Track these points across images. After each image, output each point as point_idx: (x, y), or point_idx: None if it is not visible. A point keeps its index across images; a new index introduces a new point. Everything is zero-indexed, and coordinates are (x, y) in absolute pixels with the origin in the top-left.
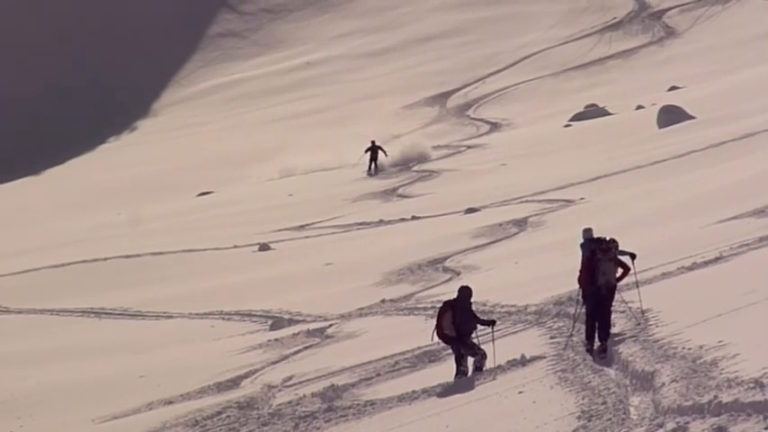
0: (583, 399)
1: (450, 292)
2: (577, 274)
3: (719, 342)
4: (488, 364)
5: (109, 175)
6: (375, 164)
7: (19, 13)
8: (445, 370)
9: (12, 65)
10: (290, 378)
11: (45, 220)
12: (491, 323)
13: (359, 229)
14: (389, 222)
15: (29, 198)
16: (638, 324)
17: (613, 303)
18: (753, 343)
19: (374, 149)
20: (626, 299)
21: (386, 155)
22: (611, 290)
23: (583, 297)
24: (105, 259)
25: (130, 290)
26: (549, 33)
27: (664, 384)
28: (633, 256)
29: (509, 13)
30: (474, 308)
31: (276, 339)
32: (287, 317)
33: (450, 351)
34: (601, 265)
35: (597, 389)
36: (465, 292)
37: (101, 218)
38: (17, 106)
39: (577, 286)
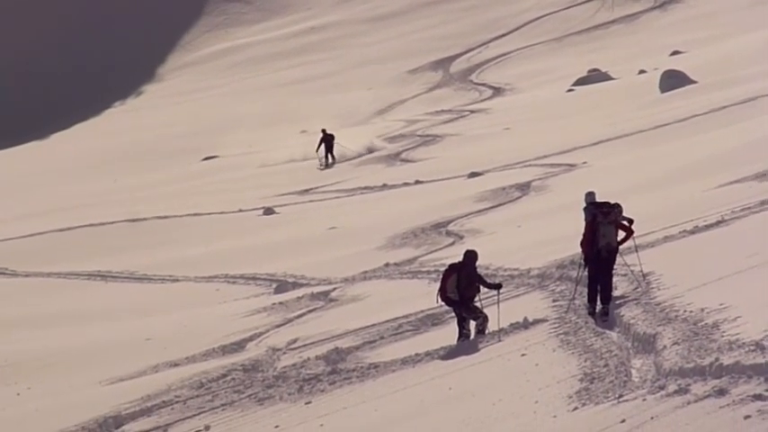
0: (585, 361)
1: (454, 256)
2: (580, 237)
3: (721, 305)
4: (492, 326)
5: (114, 139)
6: (331, 154)
7: None
8: (448, 333)
9: (18, 29)
10: (294, 341)
11: (51, 184)
12: (497, 286)
13: (362, 193)
14: (393, 186)
15: (35, 162)
16: (639, 287)
17: (615, 266)
18: (754, 305)
19: (326, 139)
20: (628, 262)
21: (333, 143)
22: (611, 252)
23: (585, 260)
24: (111, 223)
25: (136, 253)
26: None
27: (665, 347)
28: (630, 221)
29: None
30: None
31: (281, 303)
32: (291, 280)
33: (454, 314)
34: (601, 228)
35: (599, 351)
36: (471, 256)
37: (106, 182)
38: (23, 71)
39: (580, 250)
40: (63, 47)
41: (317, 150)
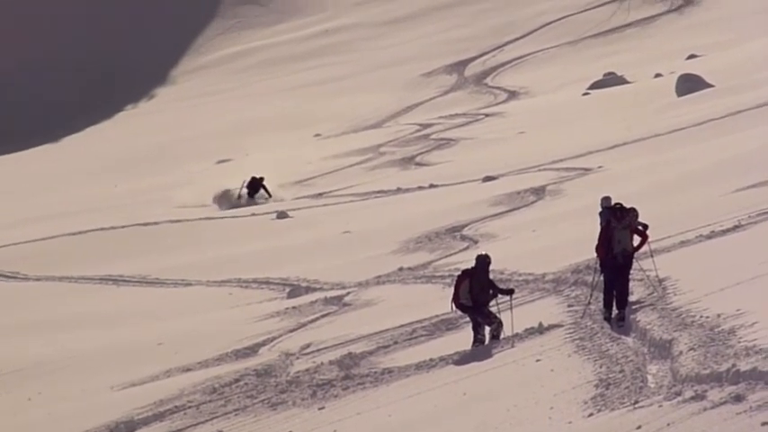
0: (601, 367)
1: (468, 261)
2: (595, 242)
3: (737, 310)
4: (506, 332)
5: (127, 142)
6: (267, 192)
7: None
8: (463, 338)
9: (31, 33)
10: (307, 346)
11: (63, 187)
12: (510, 292)
13: (377, 197)
14: (407, 190)
15: (48, 165)
16: (655, 292)
17: (631, 271)
18: None
19: (254, 185)
20: (644, 267)
21: (269, 195)
22: (627, 258)
23: (600, 265)
24: (123, 227)
25: (149, 257)
26: (567, 1)
27: (682, 353)
28: (645, 227)
29: None
30: (492, 276)
31: (294, 307)
32: (305, 284)
33: (468, 319)
34: (616, 233)
35: (615, 357)
36: (483, 260)
37: (117, 186)
38: (36, 74)
39: (595, 255)
40: (75, 50)
41: (240, 189)
